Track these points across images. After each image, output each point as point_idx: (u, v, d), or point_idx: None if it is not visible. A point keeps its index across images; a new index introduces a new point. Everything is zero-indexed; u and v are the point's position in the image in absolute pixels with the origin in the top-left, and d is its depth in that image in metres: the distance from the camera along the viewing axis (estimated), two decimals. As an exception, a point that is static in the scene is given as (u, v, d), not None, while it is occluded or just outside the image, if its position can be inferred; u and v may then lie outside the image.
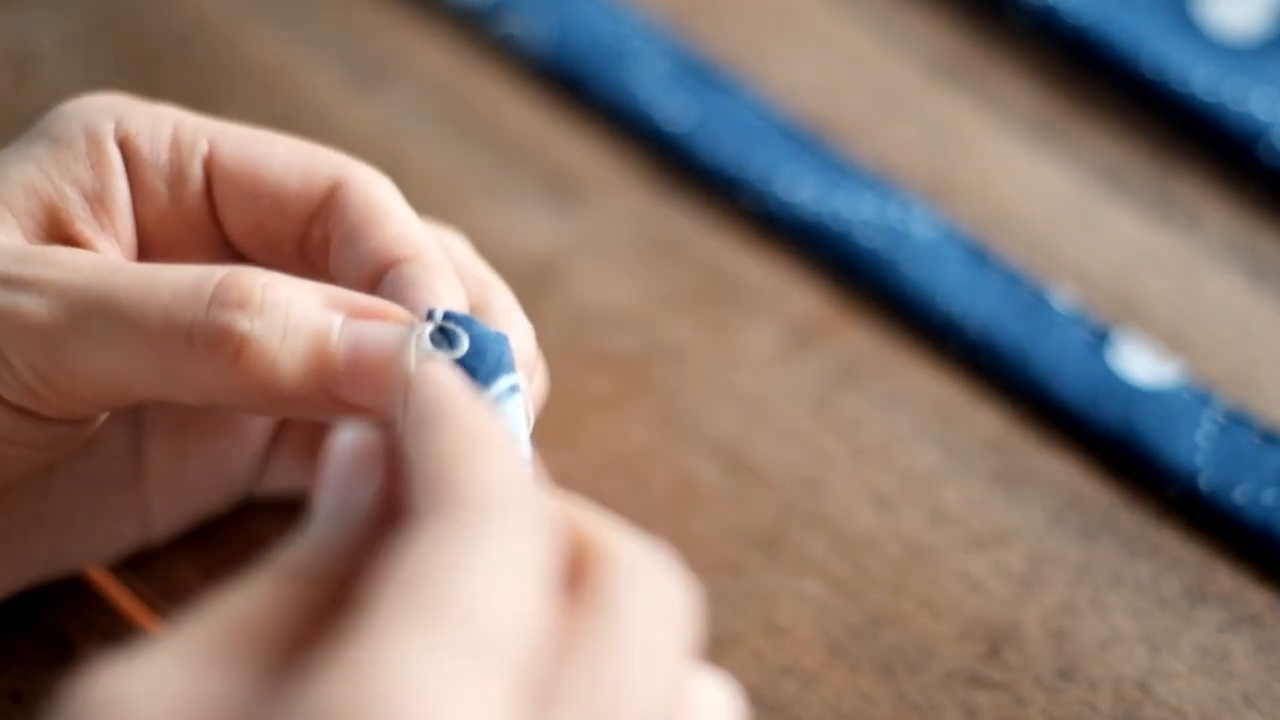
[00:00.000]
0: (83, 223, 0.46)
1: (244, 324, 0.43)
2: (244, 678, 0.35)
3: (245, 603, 0.36)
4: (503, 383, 0.44)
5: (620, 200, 0.63)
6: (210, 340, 0.43)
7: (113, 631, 0.52)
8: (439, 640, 0.34)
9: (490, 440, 0.38)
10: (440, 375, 0.39)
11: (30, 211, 0.46)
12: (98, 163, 0.47)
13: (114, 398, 0.45)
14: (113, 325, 0.43)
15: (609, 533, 0.38)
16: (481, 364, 0.44)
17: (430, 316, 0.44)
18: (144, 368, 0.44)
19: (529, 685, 0.35)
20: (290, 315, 0.44)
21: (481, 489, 0.36)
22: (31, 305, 0.44)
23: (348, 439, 0.39)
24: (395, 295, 0.45)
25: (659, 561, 0.37)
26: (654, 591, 0.37)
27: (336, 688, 0.33)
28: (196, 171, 0.47)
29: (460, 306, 0.45)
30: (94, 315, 0.43)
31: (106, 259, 0.45)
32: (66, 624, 0.52)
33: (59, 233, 0.46)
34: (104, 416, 0.48)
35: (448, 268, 0.46)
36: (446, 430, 0.37)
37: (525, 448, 0.44)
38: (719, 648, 0.53)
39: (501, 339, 0.45)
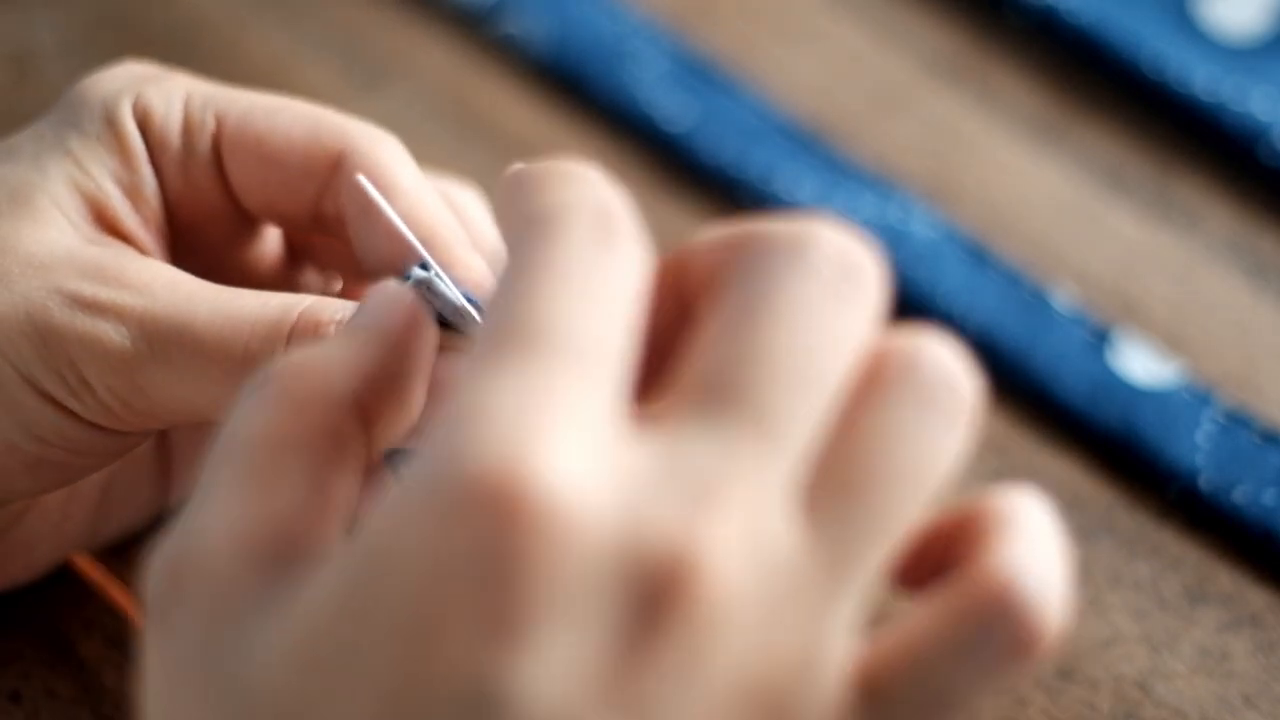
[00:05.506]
0: (125, 218, 0.47)
1: None
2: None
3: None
4: None
5: (620, 200, 0.63)
6: None
7: (113, 631, 0.52)
8: (525, 364, 0.33)
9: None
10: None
11: (78, 208, 0.47)
12: (123, 151, 0.47)
13: (191, 417, 0.46)
14: (194, 358, 0.44)
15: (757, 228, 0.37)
16: None
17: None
18: (223, 395, 0.44)
19: (622, 387, 0.34)
20: None
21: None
22: (112, 333, 0.44)
23: (391, 287, 0.39)
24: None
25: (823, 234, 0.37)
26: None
27: (437, 435, 0.33)
28: (206, 150, 0.48)
29: (482, 285, 0.46)
30: (175, 347, 0.44)
31: (180, 282, 0.45)
32: (66, 624, 0.52)
33: (105, 227, 0.47)
34: None
35: (460, 241, 0.47)
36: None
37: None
38: (719, 648, 0.53)
39: None
